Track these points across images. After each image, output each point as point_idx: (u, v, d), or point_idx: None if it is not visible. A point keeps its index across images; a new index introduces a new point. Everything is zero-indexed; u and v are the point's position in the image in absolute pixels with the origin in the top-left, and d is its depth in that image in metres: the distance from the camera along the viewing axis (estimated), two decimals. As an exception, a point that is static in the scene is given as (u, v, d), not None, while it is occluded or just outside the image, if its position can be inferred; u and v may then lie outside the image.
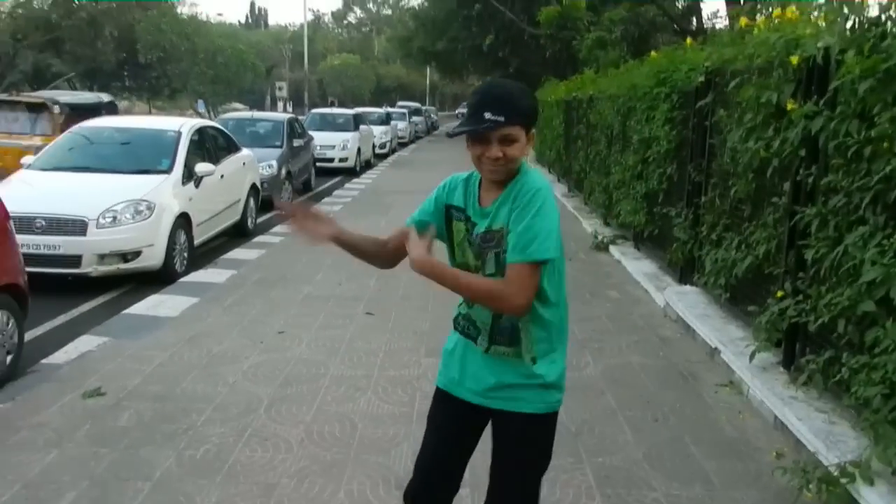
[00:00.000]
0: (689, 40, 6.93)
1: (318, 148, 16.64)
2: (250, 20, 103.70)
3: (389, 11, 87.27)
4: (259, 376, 4.44)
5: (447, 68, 38.07)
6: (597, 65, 16.35)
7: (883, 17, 3.30)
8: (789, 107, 3.83)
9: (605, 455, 3.50)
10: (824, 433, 3.41)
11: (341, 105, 44.33)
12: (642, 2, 17.89)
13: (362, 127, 20.30)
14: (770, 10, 5.48)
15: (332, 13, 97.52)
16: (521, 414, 2.02)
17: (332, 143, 18.11)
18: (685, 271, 6.30)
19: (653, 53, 7.91)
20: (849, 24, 3.40)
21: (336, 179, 16.97)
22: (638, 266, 7.40)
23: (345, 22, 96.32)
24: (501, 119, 1.87)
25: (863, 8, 3.36)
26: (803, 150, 3.91)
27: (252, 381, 4.38)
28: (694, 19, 16.38)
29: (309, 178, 15.04)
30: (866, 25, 3.32)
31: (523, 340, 2.01)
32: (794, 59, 3.81)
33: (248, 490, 3.13)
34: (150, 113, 38.29)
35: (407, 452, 3.44)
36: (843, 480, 3.00)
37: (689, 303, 5.70)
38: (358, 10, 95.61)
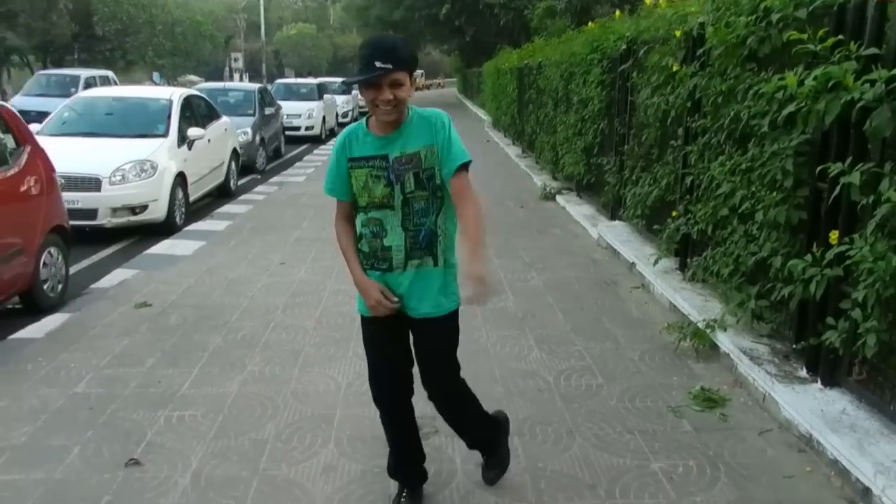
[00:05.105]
0: (618, 13, 8.09)
1: (286, 117, 17.50)
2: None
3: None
4: (272, 291, 5.57)
5: (405, 37, 38.50)
6: (547, 33, 17.48)
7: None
8: (674, 68, 5.06)
9: (542, 329, 4.74)
10: (699, 307, 4.70)
11: (299, 75, 44.65)
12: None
13: (326, 96, 21.15)
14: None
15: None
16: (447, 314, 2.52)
17: (298, 112, 18.95)
18: (615, 210, 7.57)
19: (590, 24, 9.08)
20: (714, 4, 4.59)
21: (304, 147, 17.89)
22: (579, 210, 8.65)
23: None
24: (390, 66, 2.22)
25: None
26: (689, 103, 5.13)
27: (267, 294, 5.50)
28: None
29: (279, 146, 15.95)
30: (724, 6, 4.51)
31: (439, 248, 2.45)
32: (678, 33, 5.03)
33: (281, 354, 4.29)
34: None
35: (395, 332, 4.63)
36: (707, 331, 4.28)
37: (616, 233, 6.97)
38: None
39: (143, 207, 7.81)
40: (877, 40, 3.12)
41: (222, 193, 10.59)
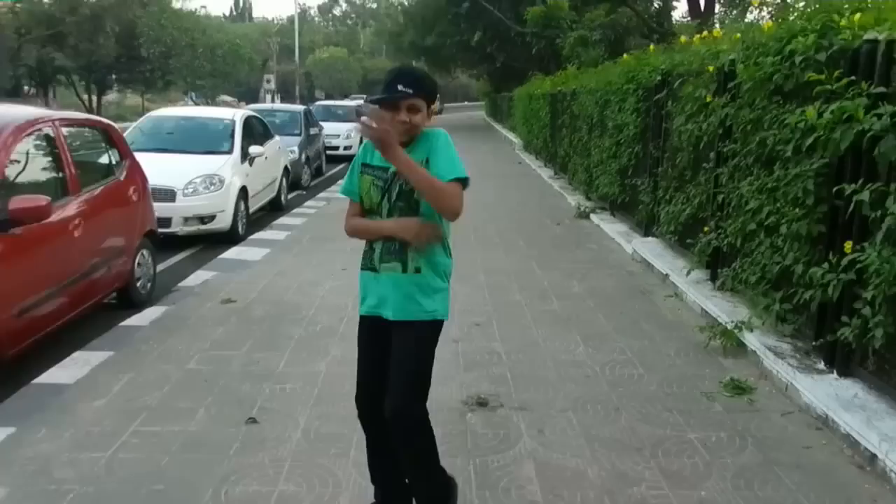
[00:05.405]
0: (651, 46, 8.71)
1: (325, 137, 18.30)
2: (234, 13, 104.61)
3: (374, 5, 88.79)
4: (339, 293, 6.19)
5: (436, 62, 39.18)
6: (578, 61, 18.18)
7: (764, 40, 5.08)
8: (707, 99, 5.64)
9: (586, 328, 5.30)
10: (728, 311, 5.23)
11: (329, 97, 45.88)
12: (620, 4, 19.75)
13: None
14: (716, 24, 7.24)
15: (318, 6, 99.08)
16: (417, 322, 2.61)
17: (336, 133, 19.76)
18: (648, 227, 8.12)
19: (625, 56, 9.70)
20: (744, 45, 5.17)
21: (342, 165, 18.64)
22: (613, 227, 9.22)
23: (330, 15, 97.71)
24: (410, 91, 2.43)
25: (754, 32, 5.14)
26: (721, 130, 5.70)
27: (335, 295, 6.12)
28: (665, 22, 18.30)
29: (321, 164, 16.73)
30: (753, 46, 5.09)
31: (408, 255, 2.57)
32: (711, 68, 5.62)
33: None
34: (143, 104, 39.95)
35: (459, 323, 5.19)
36: (735, 331, 4.81)
37: (649, 248, 7.52)
38: (343, 3, 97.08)
39: (212, 217, 8.52)
40: (885, 80, 3.69)
41: (274, 207, 11.31)
